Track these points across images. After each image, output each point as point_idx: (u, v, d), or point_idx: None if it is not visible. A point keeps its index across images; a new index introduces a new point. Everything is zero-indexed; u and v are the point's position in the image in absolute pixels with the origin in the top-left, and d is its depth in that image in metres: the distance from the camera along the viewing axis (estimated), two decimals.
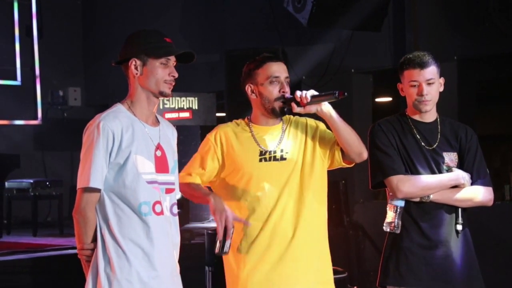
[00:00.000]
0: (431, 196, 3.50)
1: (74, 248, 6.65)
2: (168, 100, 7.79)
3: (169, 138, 3.21)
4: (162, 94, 3.12)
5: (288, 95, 3.34)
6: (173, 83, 3.13)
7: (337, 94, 3.21)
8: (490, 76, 8.47)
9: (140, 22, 9.56)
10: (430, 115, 3.60)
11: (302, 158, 3.37)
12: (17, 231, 8.45)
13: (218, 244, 3.16)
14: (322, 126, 3.44)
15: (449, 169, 3.54)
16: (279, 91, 3.34)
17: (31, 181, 8.39)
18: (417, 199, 3.51)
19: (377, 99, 9.95)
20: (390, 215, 3.51)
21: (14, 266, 6.12)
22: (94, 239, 3.02)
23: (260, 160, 3.35)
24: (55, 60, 10.14)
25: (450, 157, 3.56)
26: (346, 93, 3.20)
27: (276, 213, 3.32)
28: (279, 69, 3.37)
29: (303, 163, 3.37)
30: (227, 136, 3.41)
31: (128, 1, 10.18)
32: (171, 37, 3.14)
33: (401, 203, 3.50)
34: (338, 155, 3.37)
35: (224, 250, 3.17)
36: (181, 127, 8.00)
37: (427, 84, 3.51)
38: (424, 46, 6.84)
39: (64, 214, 8.60)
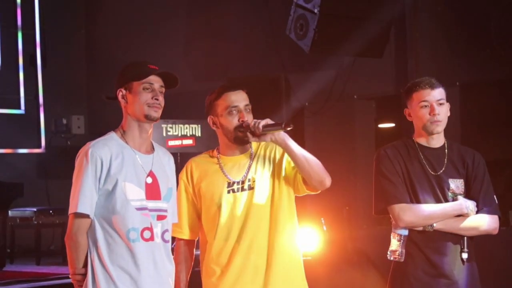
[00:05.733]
0: (435, 225, 3.48)
1: None
2: (171, 127, 7.81)
3: (164, 165, 3.22)
4: (147, 117, 3.12)
5: (247, 123, 3.30)
6: (159, 107, 3.13)
7: (283, 125, 3.20)
8: (492, 102, 8.48)
9: (143, 50, 9.62)
10: (437, 140, 3.58)
11: (270, 187, 3.34)
12: (21, 259, 8.42)
13: None
14: None
15: (454, 197, 3.53)
16: (238, 120, 3.32)
17: (35, 209, 8.39)
18: (420, 228, 3.49)
19: (380, 125, 9.96)
20: (394, 244, 3.49)
21: None
22: (86, 264, 3.06)
23: (229, 191, 3.33)
24: (59, 88, 10.18)
25: (456, 184, 3.54)
26: (292, 125, 3.18)
27: (245, 244, 3.29)
28: (237, 98, 3.34)
29: (272, 192, 3.34)
30: (197, 170, 3.40)
31: (131, 30, 10.24)
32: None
33: (405, 232, 3.48)
34: (300, 183, 3.32)
35: None
36: (184, 154, 8.01)
37: (438, 105, 3.51)
38: (426, 72, 6.85)
39: None
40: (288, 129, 3.20)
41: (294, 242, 3.37)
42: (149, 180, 3.13)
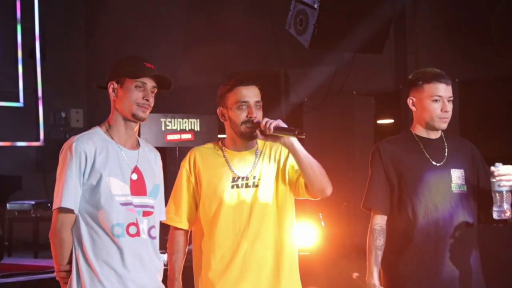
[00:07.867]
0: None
1: None
2: (170, 122, 7.81)
3: (150, 161, 3.20)
4: (134, 117, 3.10)
5: (257, 120, 3.28)
6: (148, 108, 3.11)
7: (296, 133, 3.18)
8: (491, 98, 8.48)
9: (143, 44, 9.61)
10: (436, 131, 3.55)
11: (274, 186, 3.34)
12: (18, 252, 8.43)
13: None
14: None
15: (460, 187, 3.50)
16: (247, 116, 3.30)
17: (33, 202, 8.38)
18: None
19: (379, 121, 9.97)
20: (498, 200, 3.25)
21: None
22: (71, 261, 3.03)
23: (232, 186, 3.32)
24: (58, 82, 10.17)
25: (457, 174, 3.51)
26: (304, 134, 3.18)
27: (247, 242, 3.28)
28: (248, 93, 3.32)
29: (276, 191, 3.34)
30: (201, 160, 3.39)
31: (131, 24, 10.23)
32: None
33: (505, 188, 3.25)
34: (301, 187, 3.32)
35: None
36: (183, 149, 8.01)
37: (448, 102, 3.48)
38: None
39: None
40: (300, 137, 3.19)
41: (294, 240, 3.39)
42: (134, 176, 3.10)
